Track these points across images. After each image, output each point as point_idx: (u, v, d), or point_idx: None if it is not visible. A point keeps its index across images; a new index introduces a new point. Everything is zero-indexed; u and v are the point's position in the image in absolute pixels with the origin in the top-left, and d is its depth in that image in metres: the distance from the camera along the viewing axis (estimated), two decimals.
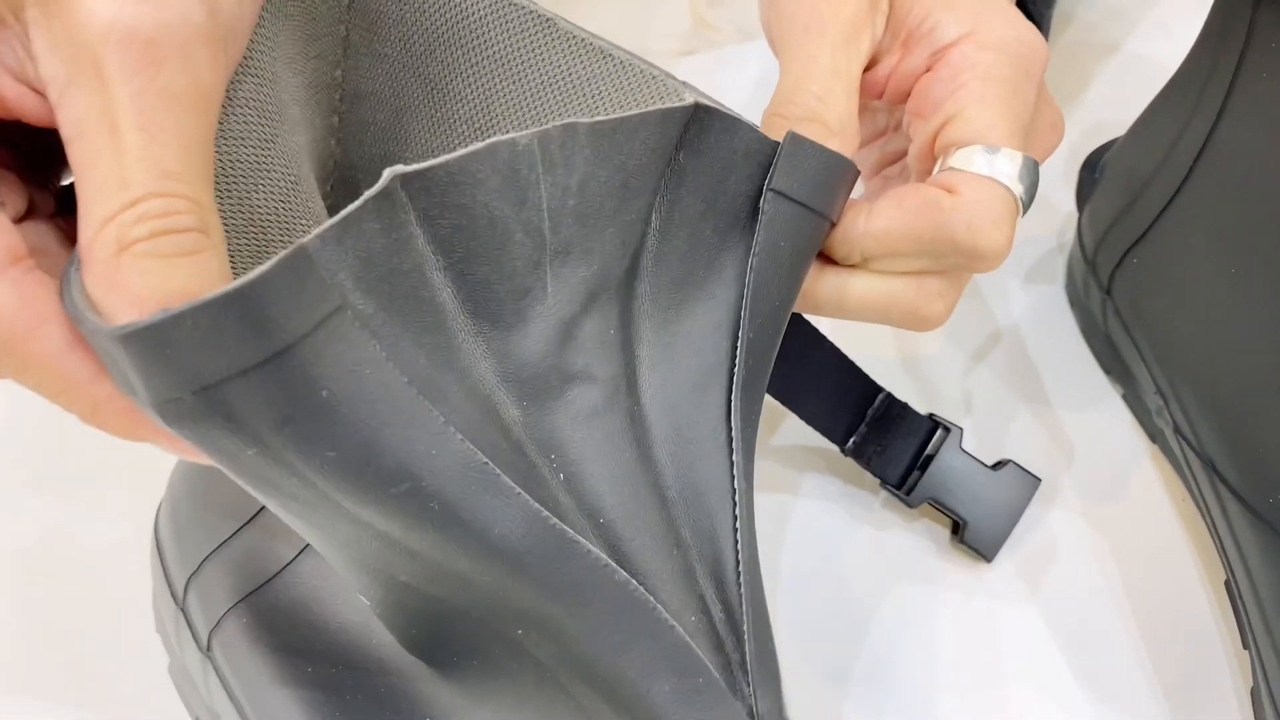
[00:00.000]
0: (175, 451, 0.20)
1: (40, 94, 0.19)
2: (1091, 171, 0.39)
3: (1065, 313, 0.40)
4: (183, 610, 0.29)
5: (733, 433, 0.22)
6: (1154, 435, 0.37)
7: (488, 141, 0.20)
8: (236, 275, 0.20)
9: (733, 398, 0.22)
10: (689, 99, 0.23)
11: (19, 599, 0.34)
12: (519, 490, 0.19)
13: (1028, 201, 0.26)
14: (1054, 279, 0.41)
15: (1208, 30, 0.33)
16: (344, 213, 0.19)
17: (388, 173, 0.19)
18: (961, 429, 0.34)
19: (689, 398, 0.22)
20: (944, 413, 0.36)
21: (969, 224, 0.25)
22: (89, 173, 0.19)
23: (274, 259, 0.17)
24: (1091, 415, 0.38)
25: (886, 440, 0.33)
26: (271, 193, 0.24)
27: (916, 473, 0.34)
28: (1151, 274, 0.36)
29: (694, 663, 0.21)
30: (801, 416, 0.33)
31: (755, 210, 0.23)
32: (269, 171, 0.24)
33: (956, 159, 0.26)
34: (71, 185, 0.22)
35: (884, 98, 0.29)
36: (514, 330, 0.21)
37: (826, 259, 0.26)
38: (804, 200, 0.23)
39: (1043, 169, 0.45)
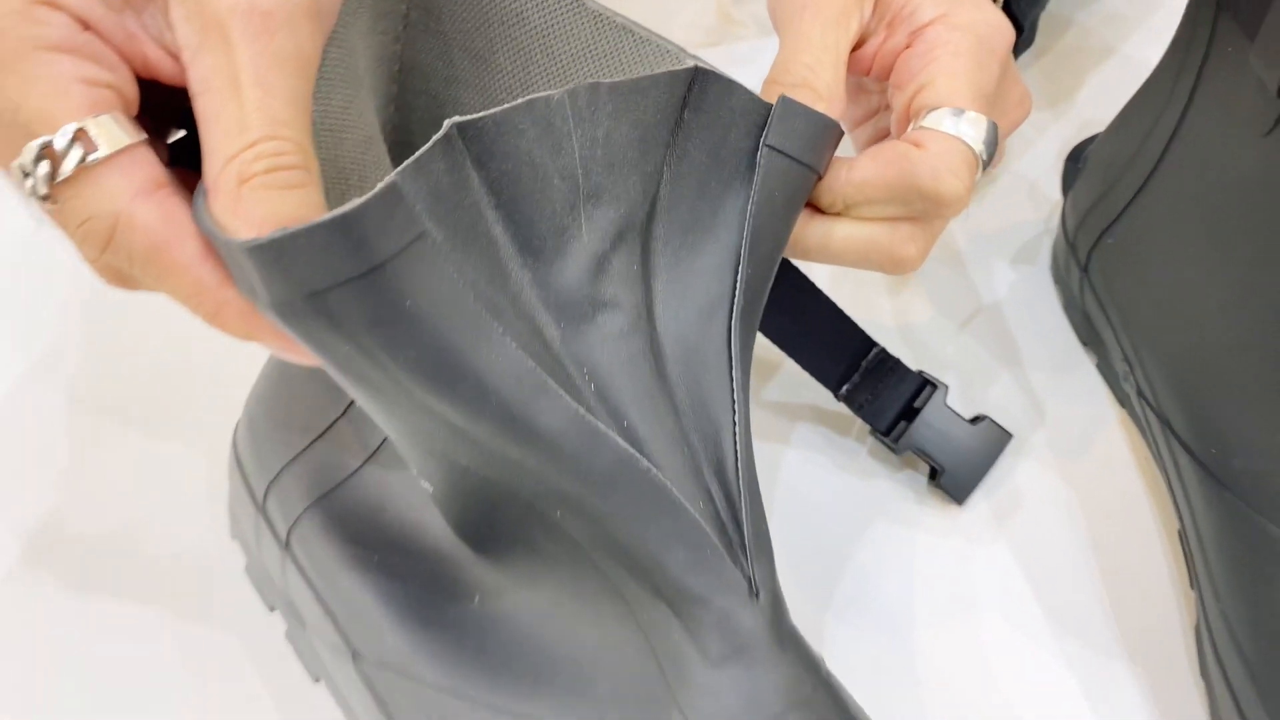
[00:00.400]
0: (281, 349, 0.24)
1: (174, 57, 0.24)
2: (1075, 162, 0.43)
3: (1049, 290, 0.44)
4: (263, 513, 0.33)
5: (732, 354, 0.26)
6: (1122, 400, 0.41)
7: (527, 98, 0.24)
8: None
9: (733, 324, 0.26)
10: (690, 64, 0.27)
11: (107, 520, 0.39)
12: (562, 392, 0.23)
13: (987, 159, 0.30)
14: (1040, 260, 0.45)
15: (1178, 35, 0.37)
16: (418, 154, 0.22)
17: (448, 122, 0.23)
18: (947, 386, 0.38)
19: (696, 324, 0.26)
20: (932, 372, 0.40)
21: (933, 172, 0.29)
22: (215, 120, 0.23)
23: (371, 192, 0.21)
24: (1066, 380, 0.42)
25: (878, 390, 0.37)
26: (353, 145, 0.28)
27: (903, 423, 0.37)
28: (1123, 253, 0.39)
29: (702, 538, 0.25)
30: (801, 364, 0.37)
31: (753, 164, 0.27)
32: (350, 128, 0.28)
33: (927, 120, 0.30)
34: (177, 141, 0.27)
35: (871, 73, 0.32)
36: (555, 262, 0.25)
37: (814, 208, 0.30)
38: (795, 154, 0.27)
39: (1036, 160, 0.49)
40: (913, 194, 0.29)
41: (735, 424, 0.26)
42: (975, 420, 0.38)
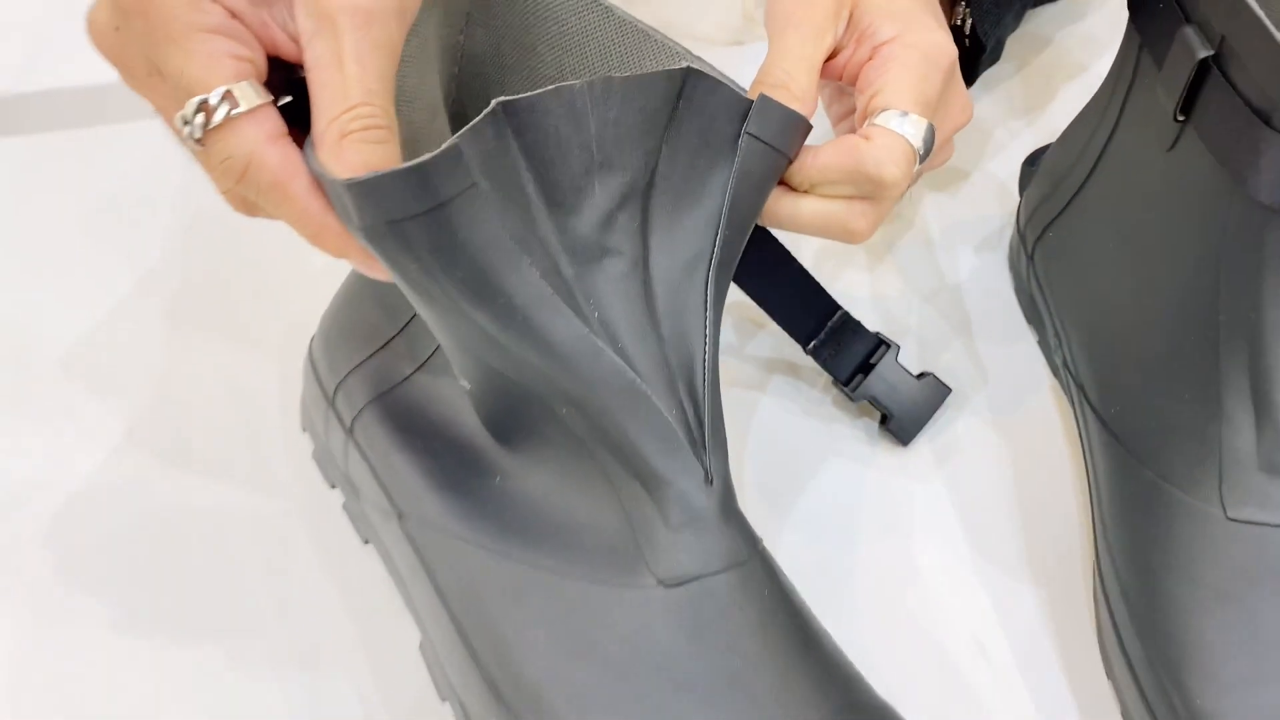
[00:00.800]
0: (363, 265, 0.31)
1: (294, 41, 0.31)
2: (1031, 166, 0.50)
3: (1004, 274, 0.51)
4: (332, 407, 0.41)
5: (708, 298, 0.33)
6: (1054, 370, 0.47)
7: (556, 85, 0.31)
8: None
9: (710, 274, 0.33)
10: (685, 65, 0.33)
11: (196, 418, 0.47)
12: (573, 314, 0.31)
13: (924, 152, 0.37)
14: (1000, 248, 0.52)
15: (1114, 64, 0.44)
16: (472, 123, 0.30)
17: (495, 101, 0.30)
18: (899, 345, 0.45)
19: (682, 273, 0.33)
20: (896, 337, 0.47)
21: (876, 161, 0.36)
22: (323, 88, 0.30)
23: (438, 150, 0.28)
24: (1010, 350, 0.49)
25: (840, 347, 0.44)
26: (421, 113, 0.35)
27: (860, 375, 0.45)
28: (1060, 246, 0.46)
29: (671, 434, 0.32)
30: (777, 321, 0.44)
31: (735, 147, 0.33)
32: (420, 100, 0.35)
33: (878, 119, 0.37)
34: (285, 105, 0.34)
35: (843, 79, 0.39)
36: (572, 214, 0.32)
37: (787, 186, 0.37)
38: (769, 140, 0.34)
39: (1007, 162, 0.55)
40: (861, 177, 0.36)
41: (705, 352, 0.33)
42: (920, 376, 0.45)
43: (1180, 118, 0.38)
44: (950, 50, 0.38)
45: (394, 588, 0.41)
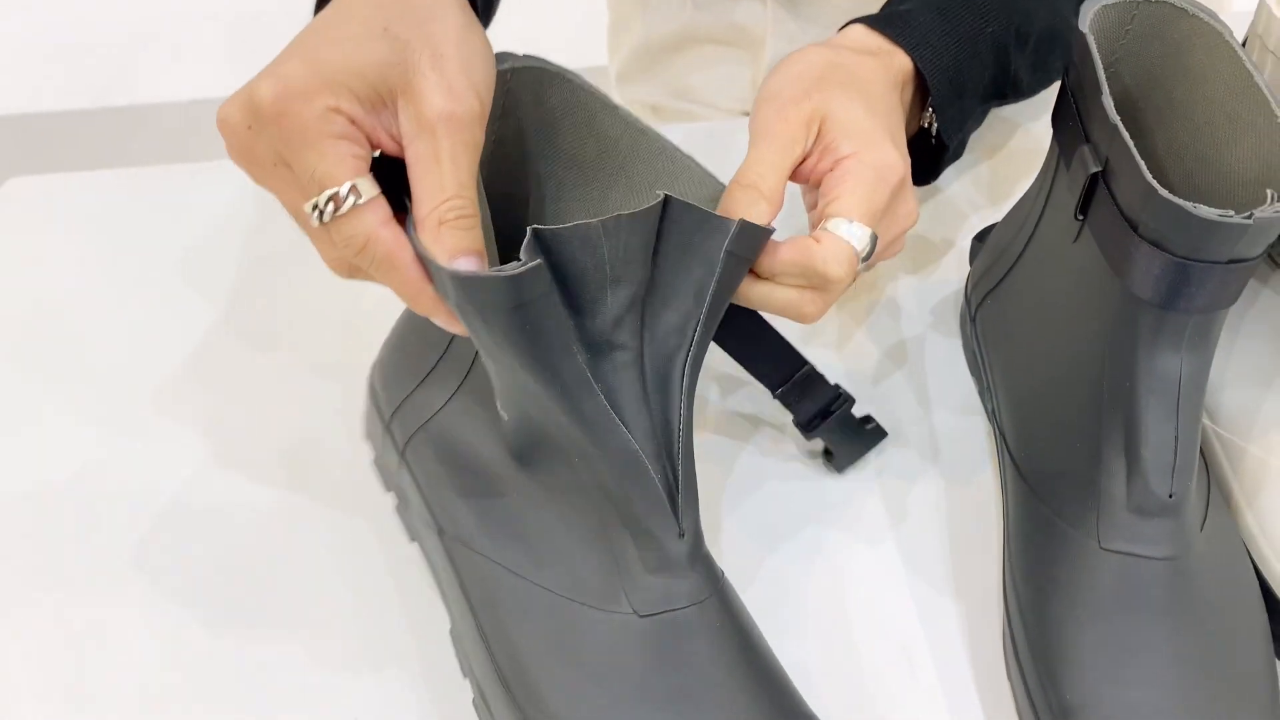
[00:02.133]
0: (446, 324, 0.39)
1: (396, 142, 0.39)
2: (980, 241, 0.58)
3: (956, 332, 0.59)
4: (389, 431, 0.51)
5: (684, 381, 0.41)
6: (989, 416, 0.56)
7: (575, 224, 0.37)
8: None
9: (687, 362, 0.41)
10: (661, 196, 0.39)
11: (276, 432, 0.56)
12: (599, 393, 0.39)
13: (866, 255, 0.44)
14: (955, 311, 0.60)
15: (1044, 163, 0.52)
16: (525, 248, 0.37)
17: (530, 229, 0.37)
18: (854, 399, 0.52)
19: (665, 361, 0.41)
20: (857, 379, 0.55)
21: (823, 261, 0.43)
22: (423, 182, 0.38)
23: (527, 266, 0.36)
24: (953, 397, 0.57)
25: (804, 394, 0.52)
26: (487, 207, 0.44)
27: (818, 419, 0.52)
28: (997, 311, 0.55)
29: (658, 496, 0.41)
30: (752, 373, 0.51)
31: (709, 255, 0.40)
32: (483, 196, 0.44)
33: (829, 224, 0.43)
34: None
35: (809, 183, 0.47)
36: (588, 318, 0.40)
37: (754, 275, 0.44)
38: (744, 255, 0.41)
39: (967, 235, 0.63)
40: (811, 273, 0.43)
41: (680, 428, 0.41)
42: (864, 421, 0.53)
43: (1079, 217, 0.46)
44: (899, 168, 0.45)
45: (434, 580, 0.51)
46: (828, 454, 0.54)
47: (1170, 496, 0.45)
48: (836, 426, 0.53)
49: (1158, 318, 0.43)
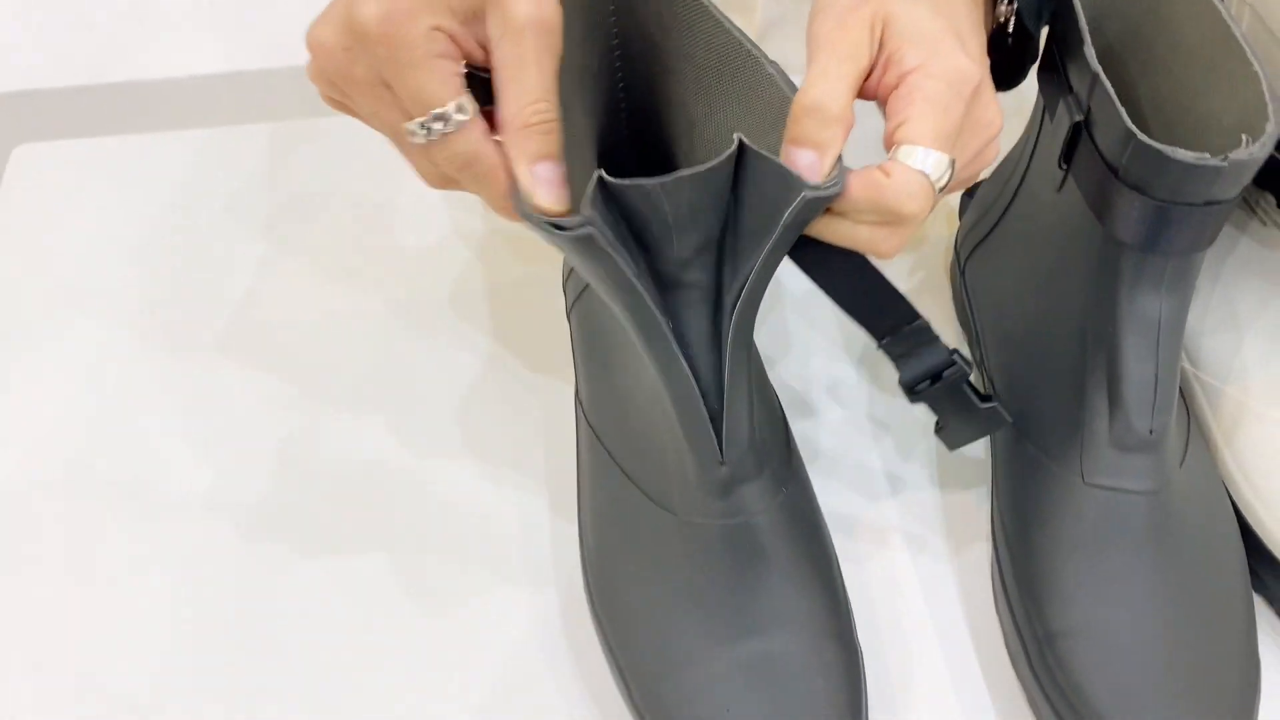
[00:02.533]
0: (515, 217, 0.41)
1: (485, 50, 0.40)
2: (969, 196, 0.60)
3: (947, 288, 0.61)
4: (564, 287, 0.57)
5: (731, 319, 0.42)
6: (977, 365, 0.58)
7: (633, 182, 0.37)
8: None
9: (739, 302, 0.41)
10: (736, 141, 0.38)
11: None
12: (664, 325, 0.41)
13: (942, 186, 0.40)
14: (945, 267, 0.62)
15: (1031, 117, 0.54)
16: (586, 193, 0.38)
17: (595, 174, 0.38)
18: (970, 367, 0.45)
19: (744, 300, 0.42)
20: (851, 337, 0.57)
21: (896, 197, 0.39)
22: (509, 85, 0.39)
23: (580, 229, 0.37)
24: None
25: (911, 350, 0.45)
26: (571, 115, 0.44)
27: (925, 382, 0.46)
28: (984, 264, 0.56)
29: (703, 420, 0.43)
30: (856, 319, 0.45)
31: (777, 205, 0.38)
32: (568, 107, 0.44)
33: (900, 153, 0.39)
34: None
35: (876, 98, 0.42)
36: (657, 258, 0.41)
37: (830, 210, 0.41)
38: (808, 219, 0.40)
39: (956, 195, 0.65)
40: (883, 210, 0.40)
41: (726, 364, 0.43)
42: (984, 398, 0.47)
43: (1063, 166, 0.48)
44: (973, 74, 0.40)
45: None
46: (939, 428, 0.49)
47: (1151, 433, 0.47)
48: (945, 394, 0.46)
49: (1138, 260, 0.45)
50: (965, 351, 0.58)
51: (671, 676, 0.44)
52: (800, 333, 0.61)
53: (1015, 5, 0.47)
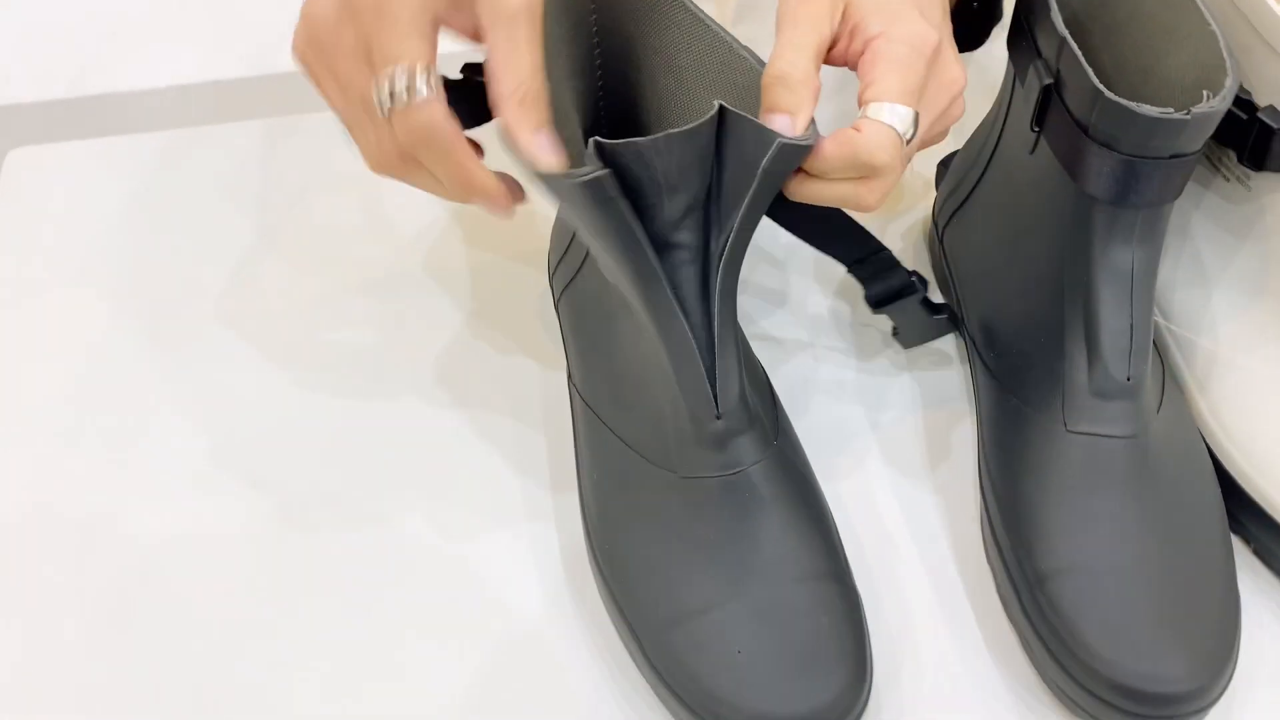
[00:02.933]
0: (494, 208, 0.44)
1: (474, 35, 0.43)
2: (944, 167, 0.62)
3: (924, 253, 0.63)
4: (550, 286, 0.59)
5: (717, 278, 0.45)
6: (957, 326, 0.60)
7: (628, 141, 0.40)
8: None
9: (721, 261, 0.44)
10: (717, 105, 0.42)
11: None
12: (664, 283, 0.44)
13: (910, 136, 0.43)
14: (924, 236, 0.64)
15: (1001, 86, 0.56)
16: (586, 157, 0.41)
17: (591, 140, 0.41)
18: (926, 286, 0.53)
19: (726, 258, 0.44)
20: (837, 297, 0.58)
21: (867, 150, 0.42)
22: (505, 65, 0.41)
23: (593, 173, 0.40)
24: None
25: (876, 275, 0.53)
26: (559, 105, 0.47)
27: (888, 299, 0.54)
28: (962, 230, 0.59)
29: (699, 375, 0.46)
30: (826, 250, 0.52)
31: (757, 165, 0.41)
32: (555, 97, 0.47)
33: (869, 111, 0.43)
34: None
35: (847, 65, 0.45)
36: (651, 221, 0.43)
37: (804, 172, 0.44)
38: (784, 170, 0.43)
39: (931, 166, 0.67)
40: (857, 164, 0.42)
41: (715, 321, 0.45)
42: (937, 309, 0.55)
43: (1035, 128, 0.50)
44: (931, 37, 0.44)
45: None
46: (895, 332, 0.58)
47: (1128, 379, 0.49)
48: (905, 308, 0.54)
49: (1110, 214, 0.47)
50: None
51: (681, 626, 0.46)
52: (776, 294, 0.63)
53: None
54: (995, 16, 0.53)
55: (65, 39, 0.82)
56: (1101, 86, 0.45)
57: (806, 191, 0.45)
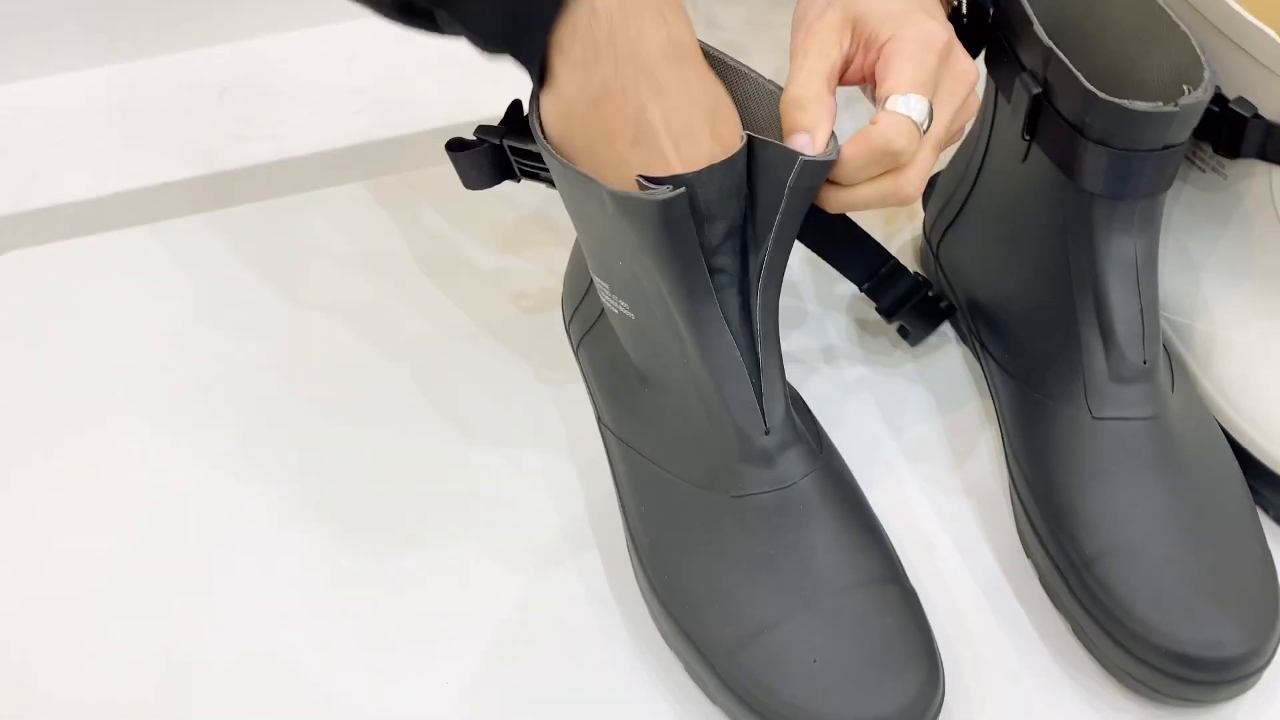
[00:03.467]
0: None
1: None
2: (930, 187, 0.65)
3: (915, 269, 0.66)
4: (568, 331, 0.61)
5: (758, 297, 0.46)
6: (962, 338, 0.62)
7: (674, 176, 0.42)
8: None
9: (760, 280, 0.46)
10: (745, 135, 0.44)
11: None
12: (715, 296, 0.45)
13: (925, 124, 0.45)
14: (916, 253, 0.67)
15: (981, 104, 0.59)
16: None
17: (637, 179, 0.43)
18: (931, 283, 0.58)
19: (762, 282, 0.46)
20: (836, 335, 0.60)
21: (884, 138, 0.44)
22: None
23: (674, 192, 0.42)
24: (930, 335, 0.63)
25: (888, 287, 0.58)
26: None
27: (898, 306, 0.58)
28: (958, 242, 0.61)
29: (751, 401, 0.48)
30: (842, 273, 0.56)
31: (784, 185, 0.43)
32: None
33: (887, 104, 0.45)
34: None
35: (864, 82, 0.48)
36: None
37: (831, 183, 0.46)
38: (811, 185, 0.45)
39: None
40: (879, 155, 0.44)
41: (759, 339, 0.47)
42: (937, 299, 0.59)
43: (1026, 137, 0.53)
44: (940, 33, 0.46)
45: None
46: (903, 331, 0.61)
47: (1145, 363, 0.51)
48: (916, 310, 0.59)
49: (1110, 207, 0.50)
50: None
51: (753, 644, 0.47)
52: (791, 315, 0.64)
53: None
54: (985, 31, 0.55)
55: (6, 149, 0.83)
56: (1094, 89, 0.47)
57: (841, 201, 0.46)
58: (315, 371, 0.63)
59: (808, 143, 0.45)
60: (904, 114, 0.44)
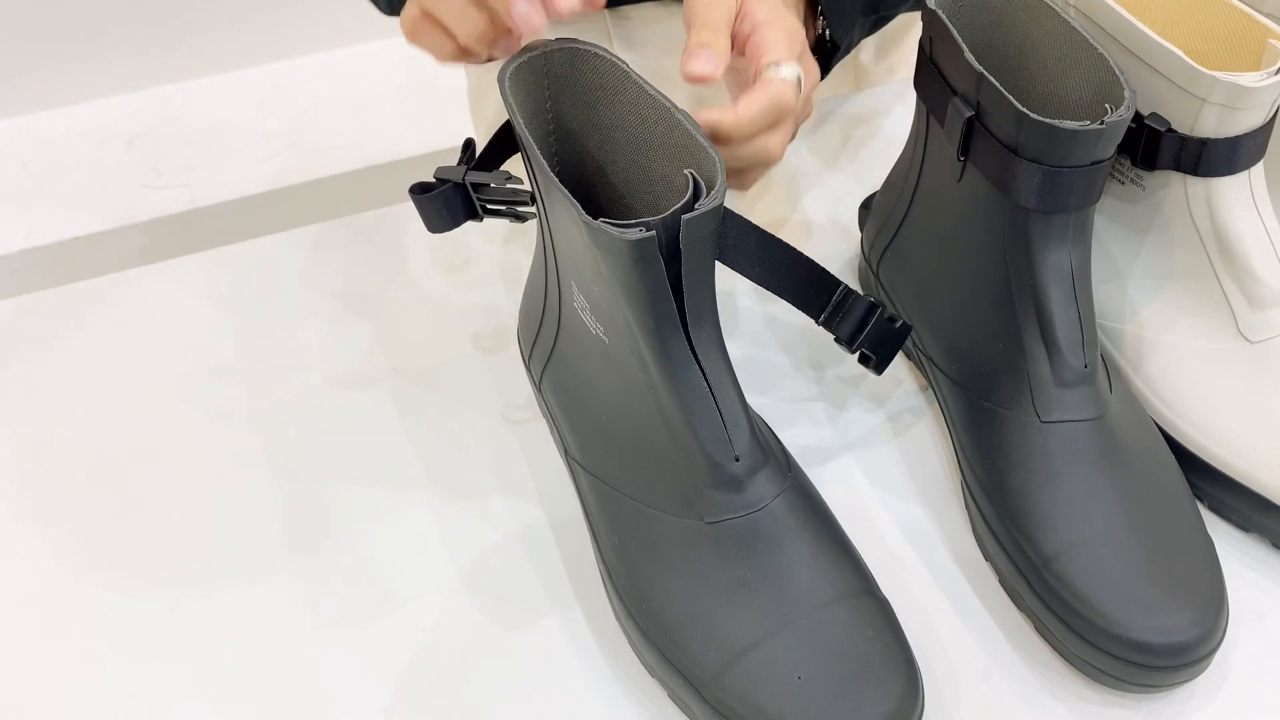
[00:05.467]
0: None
1: None
2: (866, 209, 0.67)
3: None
4: (528, 366, 0.61)
5: (697, 339, 0.48)
6: (907, 354, 0.64)
7: (639, 220, 0.44)
8: None
9: (688, 312, 0.47)
10: (689, 174, 0.46)
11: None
12: (682, 329, 0.47)
13: (798, 85, 0.55)
14: (850, 273, 0.69)
15: (912, 128, 0.61)
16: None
17: (600, 223, 0.44)
18: (883, 304, 0.55)
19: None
20: (785, 358, 0.62)
21: (778, 91, 0.53)
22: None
23: (644, 234, 0.44)
24: None
25: (844, 316, 0.54)
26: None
27: (857, 333, 0.54)
28: (897, 261, 0.63)
29: (715, 421, 0.49)
30: (797, 306, 0.54)
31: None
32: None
33: (768, 71, 0.54)
34: None
35: (734, 48, 0.56)
36: None
37: (734, 139, 0.53)
38: (708, 232, 0.47)
39: (843, 212, 0.72)
40: (775, 107, 0.53)
41: (707, 374, 0.49)
42: (891, 320, 0.55)
43: (961, 158, 0.55)
44: (801, 31, 0.57)
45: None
46: (865, 360, 0.57)
47: (1085, 366, 0.54)
48: (874, 334, 0.55)
49: (1045, 221, 0.53)
50: None
51: (737, 666, 0.48)
52: (755, 347, 0.66)
53: (823, 24, 0.66)
54: (842, 52, 0.66)
55: None
56: (1026, 110, 0.50)
57: (730, 156, 0.54)
58: (273, 426, 0.63)
59: (709, 56, 0.53)
60: (786, 79, 0.54)
